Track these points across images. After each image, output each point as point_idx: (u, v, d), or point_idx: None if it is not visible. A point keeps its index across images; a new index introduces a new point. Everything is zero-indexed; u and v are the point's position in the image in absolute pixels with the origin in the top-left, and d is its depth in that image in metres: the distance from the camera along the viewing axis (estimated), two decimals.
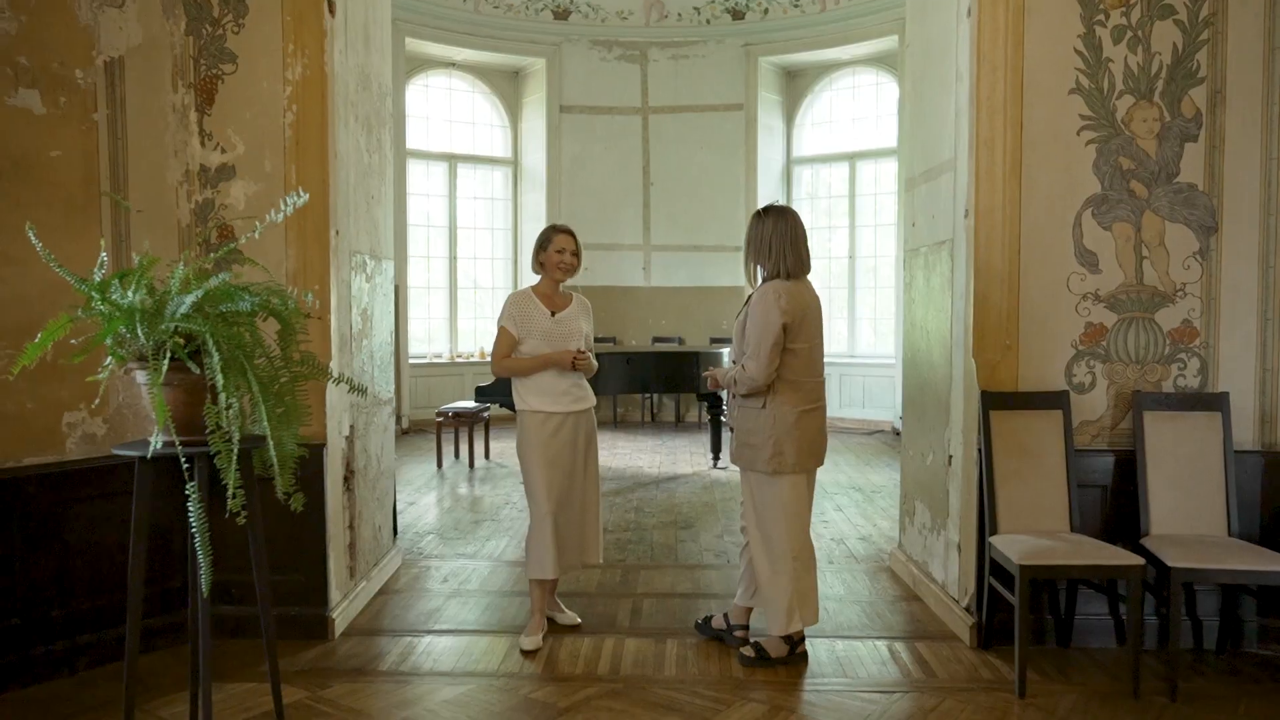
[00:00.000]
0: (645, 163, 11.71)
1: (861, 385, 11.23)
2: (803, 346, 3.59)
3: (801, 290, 3.64)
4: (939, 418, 4.39)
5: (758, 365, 3.51)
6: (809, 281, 3.73)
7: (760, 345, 3.51)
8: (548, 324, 4.09)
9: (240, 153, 4.02)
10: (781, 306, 3.51)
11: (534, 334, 4.06)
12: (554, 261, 4.14)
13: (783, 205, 3.74)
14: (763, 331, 3.50)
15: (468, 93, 11.85)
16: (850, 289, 11.61)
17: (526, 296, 4.16)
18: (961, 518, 4.10)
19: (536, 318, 4.09)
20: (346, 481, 4.34)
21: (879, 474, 8.13)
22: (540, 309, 4.12)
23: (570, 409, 4.10)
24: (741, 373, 3.54)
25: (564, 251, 4.15)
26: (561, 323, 4.13)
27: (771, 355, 3.50)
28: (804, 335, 3.59)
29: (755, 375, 3.51)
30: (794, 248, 3.64)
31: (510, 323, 4.10)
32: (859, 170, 11.54)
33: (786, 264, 3.62)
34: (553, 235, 4.18)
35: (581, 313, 4.24)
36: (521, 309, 4.11)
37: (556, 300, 4.19)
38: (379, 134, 4.79)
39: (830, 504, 6.89)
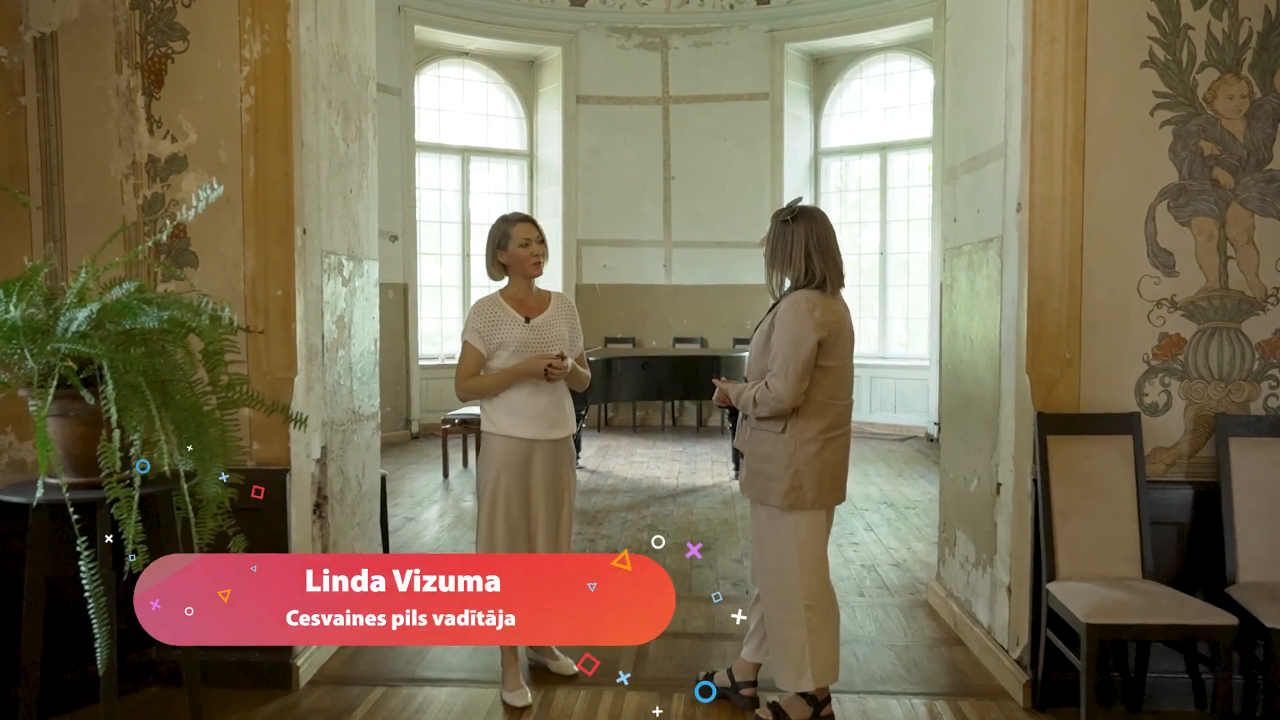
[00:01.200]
0: (666, 155, 11.19)
1: (893, 388, 10.66)
2: (834, 365, 3.08)
3: (835, 303, 3.13)
4: (985, 439, 3.86)
5: (785, 385, 2.99)
6: (840, 294, 3.22)
7: (789, 362, 2.99)
8: (522, 333, 3.51)
9: (192, 141, 3.57)
10: (816, 319, 3.00)
11: (506, 346, 3.47)
12: (520, 258, 3.52)
13: (809, 205, 3.22)
14: (793, 347, 3.00)
15: (481, 83, 11.39)
16: (881, 287, 11.04)
17: (494, 302, 3.56)
18: (1013, 556, 3.57)
19: (507, 327, 3.50)
20: (318, 509, 3.89)
21: (913, 486, 7.58)
22: (511, 316, 3.52)
23: (545, 435, 3.52)
24: (765, 392, 3.03)
25: (529, 243, 3.54)
26: (539, 330, 3.55)
27: (802, 374, 2.99)
28: (836, 350, 3.08)
29: (782, 396, 3.00)
30: (831, 257, 3.13)
31: (475, 336, 3.50)
32: (891, 162, 10.96)
33: (825, 275, 3.10)
34: (509, 227, 3.55)
35: (563, 315, 3.65)
36: (488, 318, 3.51)
37: (531, 303, 3.59)
38: (359, 121, 4.33)
39: (860, 522, 6.36)
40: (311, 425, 3.78)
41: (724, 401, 3.29)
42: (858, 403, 10.87)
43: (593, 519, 6.45)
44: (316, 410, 3.83)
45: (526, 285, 3.60)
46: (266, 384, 3.60)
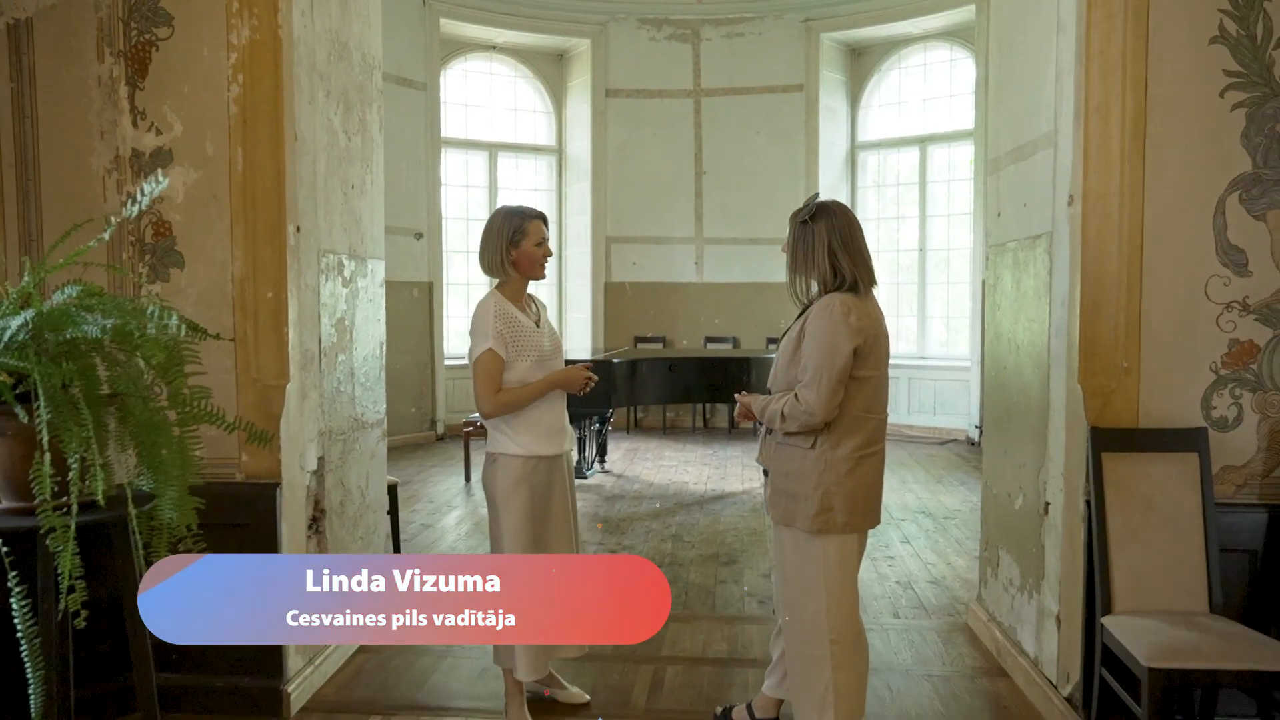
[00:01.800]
0: (697, 149, 10.90)
1: (933, 390, 10.29)
2: (871, 374, 2.78)
3: (871, 306, 2.83)
4: (1031, 453, 3.54)
5: (817, 397, 2.69)
6: (874, 295, 2.91)
7: (822, 372, 2.70)
8: (539, 339, 3.23)
9: (178, 134, 3.36)
10: (852, 324, 2.70)
11: (526, 354, 3.18)
12: (534, 257, 3.24)
13: (828, 201, 2.89)
14: (827, 355, 2.70)
15: (509, 77, 11.17)
16: (920, 284, 10.66)
17: (506, 304, 3.23)
18: (1062, 584, 3.25)
19: (526, 331, 3.21)
20: (314, 524, 3.66)
21: (953, 494, 7.23)
22: (526, 321, 3.24)
23: (561, 449, 3.29)
24: (794, 405, 2.74)
25: (543, 242, 3.28)
26: (551, 335, 3.32)
27: (836, 386, 2.70)
28: (873, 359, 2.78)
29: (814, 409, 2.70)
30: (859, 255, 2.81)
31: (499, 342, 3.16)
32: (930, 155, 10.57)
33: (855, 275, 2.79)
34: (525, 223, 3.25)
35: (549, 319, 3.44)
36: (509, 321, 3.19)
37: (524, 307, 3.31)
38: (363, 113, 4.10)
39: (896, 533, 6.04)
40: (307, 435, 3.55)
41: (746, 416, 3.00)
42: (895, 405, 10.52)
43: (615, 527, 6.19)
44: (313, 419, 3.60)
45: (523, 287, 3.33)
46: (256, 392, 3.38)
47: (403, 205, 9.71)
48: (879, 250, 10.95)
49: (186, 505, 2.33)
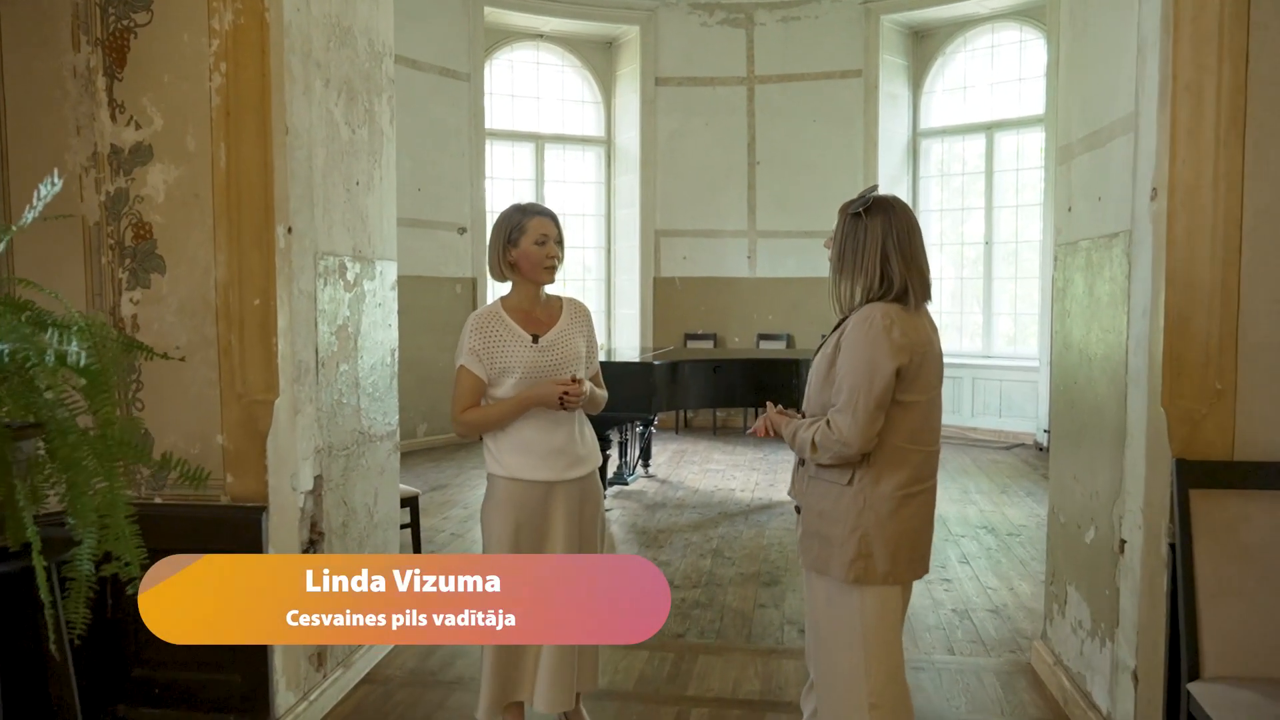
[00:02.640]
0: (750, 139, 10.48)
1: (998, 391, 9.74)
2: (918, 400, 2.38)
3: (920, 320, 2.43)
4: (1105, 481, 3.11)
5: (853, 425, 2.31)
6: (926, 308, 2.52)
7: (858, 395, 2.32)
8: (529, 356, 2.89)
9: (158, 128, 3.10)
10: (895, 340, 2.31)
11: (510, 372, 2.87)
12: (532, 258, 2.88)
13: (888, 195, 2.48)
14: (865, 376, 2.32)
15: (556, 66, 10.87)
16: (986, 279, 10.10)
17: (492, 317, 2.93)
18: (1140, 636, 2.83)
19: (511, 347, 2.89)
20: (311, 547, 3.40)
21: (1019, 507, 6.74)
22: (515, 333, 2.91)
23: (562, 475, 2.92)
24: (826, 433, 2.36)
25: (545, 241, 2.90)
26: (549, 350, 2.92)
27: (875, 412, 2.31)
28: (921, 382, 2.39)
29: (849, 438, 2.32)
30: (915, 261, 2.40)
31: (472, 359, 2.88)
32: (998, 143, 9.99)
33: (906, 284, 2.39)
34: (524, 219, 2.91)
35: (579, 328, 3.03)
36: (487, 337, 2.88)
37: (539, 316, 2.97)
38: (369, 103, 3.82)
39: (954, 551, 5.60)
40: (300, 453, 3.28)
41: (765, 432, 2.61)
42: (958, 406, 10.01)
43: (652, 540, 5.86)
44: (308, 435, 3.33)
45: (534, 293, 2.97)
46: (241, 408, 3.12)
47: (446, 199, 9.49)
48: (942, 243, 10.43)
49: (127, 547, 2.05)
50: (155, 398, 3.15)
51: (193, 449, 3.14)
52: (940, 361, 2.47)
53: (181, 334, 3.12)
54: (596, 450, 3.08)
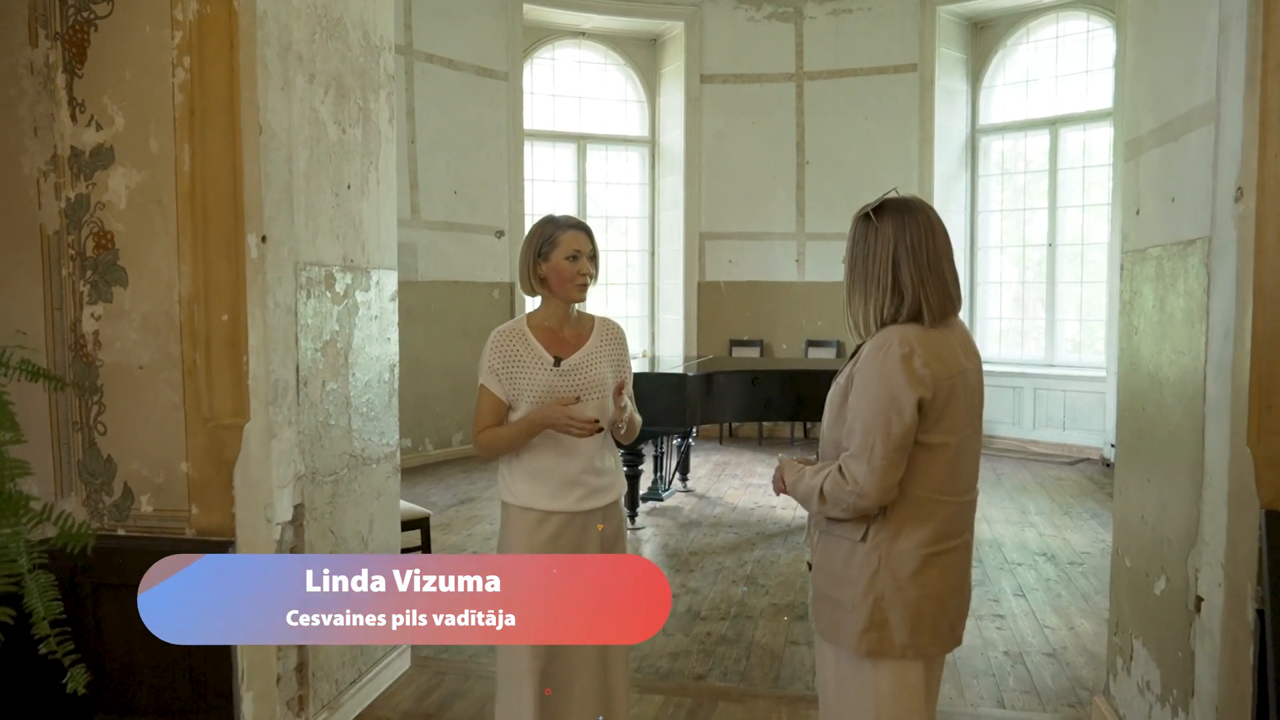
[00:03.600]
0: (799, 138, 10.07)
1: (1062, 402, 9.19)
2: (945, 442, 2.00)
3: (948, 342, 2.04)
4: (1178, 526, 2.70)
5: (868, 472, 1.96)
6: (961, 324, 2.14)
7: (873, 438, 1.96)
8: (547, 379, 2.66)
9: (119, 128, 2.86)
10: (915, 371, 1.94)
11: (526, 396, 2.66)
12: (564, 275, 2.66)
13: (908, 197, 2.10)
14: (881, 414, 1.96)
15: (599, 64, 10.57)
16: (1049, 283, 9.55)
17: (515, 335, 2.72)
18: (1220, 711, 2.41)
19: (530, 368, 2.67)
20: None
21: (1082, 531, 6.25)
22: (536, 353, 2.68)
23: (579, 506, 2.69)
24: (838, 482, 2.01)
25: (578, 256, 2.67)
26: (570, 375, 2.68)
27: (894, 456, 1.95)
28: (949, 420, 2.00)
29: (866, 489, 1.96)
30: (934, 270, 2.03)
31: (491, 378, 2.69)
32: (1063, 139, 9.44)
33: (920, 297, 2.01)
34: (557, 232, 2.68)
35: (607, 352, 2.78)
36: (507, 356, 2.68)
37: (566, 336, 2.75)
38: (364, 101, 3.55)
39: (1009, 582, 5.16)
40: (277, 481, 3.02)
41: (780, 488, 2.27)
42: (1019, 418, 9.48)
43: (683, 563, 5.52)
44: (286, 461, 3.06)
45: (563, 311, 2.74)
46: (207, 434, 2.87)
47: (483, 202, 9.26)
48: (1002, 245, 9.91)
49: (36, 600, 1.78)
50: (118, 421, 2.92)
51: (157, 478, 2.90)
52: (977, 393, 2.09)
53: (144, 352, 2.88)
54: (619, 479, 2.84)
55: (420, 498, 6.77)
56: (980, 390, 2.10)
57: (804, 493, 2.10)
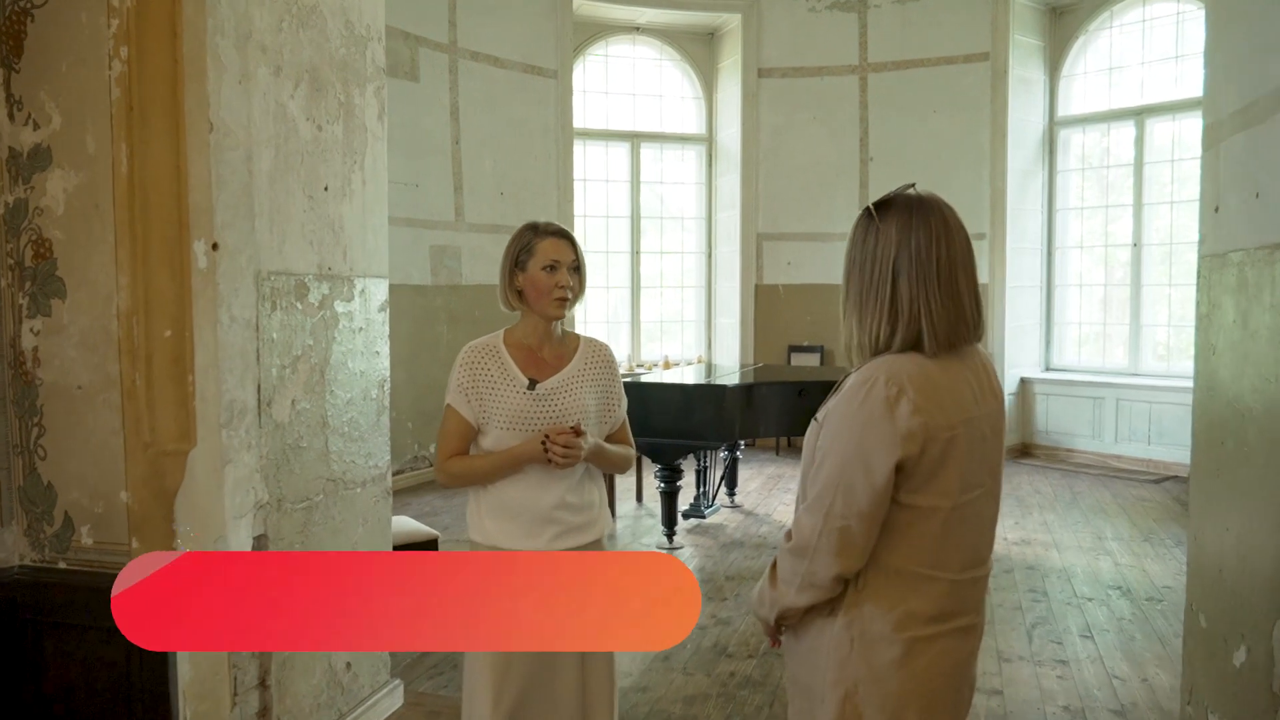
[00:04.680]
0: (863, 133, 9.56)
1: (1147, 414, 8.51)
2: (936, 505, 1.59)
3: (954, 380, 1.62)
4: (1263, 585, 2.24)
5: (821, 534, 1.58)
6: (979, 355, 1.73)
7: (830, 497, 1.58)
8: (520, 403, 2.40)
9: (56, 127, 2.63)
10: (900, 421, 1.54)
11: (496, 419, 2.40)
12: (540, 287, 2.40)
13: (923, 194, 1.68)
14: (842, 471, 1.57)
15: (654, 60, 10.23)
16: (1134, 286, 8.87)
17: (489, 352, 2.46)
18: None
19: (500, 390, 2.41)
20: None
21: (1164, 561, 5.66)
22: (510, 374, 2.43)
23: (553, 546, 2.42)
24: (783, 550, 1.65)
25: (556, 267, 2.40)
26: (546, 400, 2.42)
27: (856, 525, 1.56)
28: (942, 481, 1.59)
29: (814, 556, 1.59)
30: (944, 282, 1.61)
31: (459, 398, 2.44)
32: (1150, 131, 8.75)
33: (925, 317, 1.60)
34: (535, 240, 2.43)
35: (591, 377, 2.50)
36: (476, 374, 2.43)
37: (545, 356, 2.48)
38: (346, 95, 3.27)
39: (1077, 620, 4.64)
40: (231, 511, 2.75)
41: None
42: (1099, 431, 8.82)
43: (717, 590, 5.14)
44: (243, 489, 2.80)
45: (543, 328, 2.48)
46: (147, 462, 2.61)
47: (530, 203, 8.99)
48: (1083, 245, 9.27)
49: None
50: (58, 446, 2.69)
51: (96, 507, 2.66)
52: (990, 446, 1.67)
53: (83, 371, 2.64)
54: (600, 516, 2.56)
55: (439, 516, 6.52)
56: (997, 441, 1.69)
57: (758, 592, 1.74)
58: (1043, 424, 9.16)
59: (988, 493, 1.68)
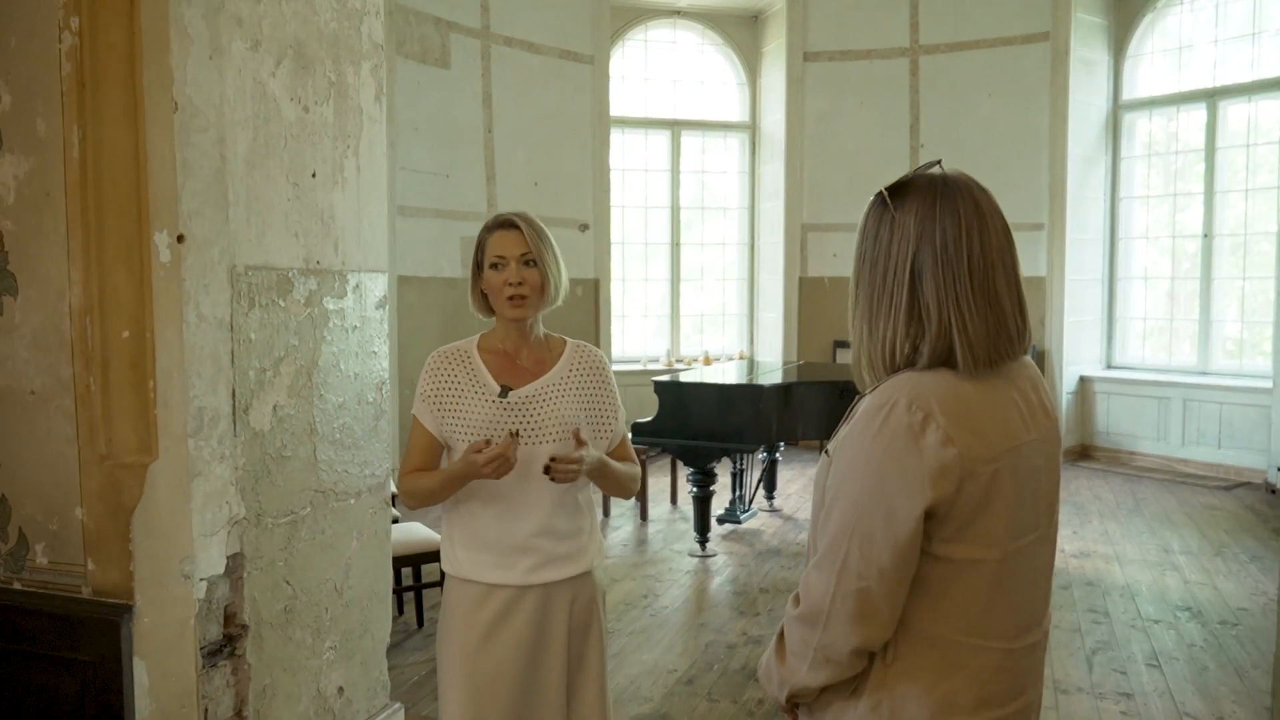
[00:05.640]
0: (913, 119, 9.14)
1: (1217, 415, 8.00)
2: (981, 557, 1.27)
3: (998, 401, 1.30)
4: None
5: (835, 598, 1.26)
6: (1027, 369, 1.40)
7: (845, 549, 1.26)
8: (489, 412, 2.13)
9: (6, 107, 2.40)
10: (929, 455, 1.22)
11: (465, 431, 2.13)
12: (493, 287, 2.16)
13: (949, 173, 1.37)
14: (859, 517, 1.25)
15: (696, 45, 9.89)
16: (1204, 279, 8.35)
17: (459, 358, 2.21)
18: None
19: (469, 399, 2.15)
20: (223, 649, 2.63)
21: (1238, 579, 5.22)
22: (480, 380, 2.17)
23: (531, 579, 2.14)
24: (789, 619, 1.34)
25: (503, 263, 2.14)
26: (521, 410, 2.15)
27: (878, 584, 1.24)
28: (987, 525, 1.26)
29: (829, 639, 1.28)
30: (979, 283, 1.29)
31: (424, 408, 2.19)
32: (1224, 114, 8.21)
33: (957, 328, 1.28)
34: (485, 237, 2.20)
35: (574, 387, 2.22)
36: (443, 382, 2.18)
37: (524, 362, 2.22)
38: (337, 74, 3.01)
39: (1142, 646, 4.25)
40: (200, 529, 2.51)
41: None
42: (1164, 433, 8.30)
43: (750, 604, 4.83)
44: (215, 504, 2.55)
45: (519, 331, 2.22)
46: (103, 475, 2.38)
47: (566, 194, 8.74)
48: (1148, 236, 8.76)
49: None
50: (12, 456, 2.47)
51: (51, 524, 2.44)
52: (1045, 478, 1.35)
53: (35, 375, 2.42)
54: (590, 543, 2.26)
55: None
56: (1052, 471, 1.37)
57: (764, 664, 1.43)
58: (1103, 424, 8.68)
59: (1043, 536, 1.36)
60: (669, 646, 4.24)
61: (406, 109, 7.35)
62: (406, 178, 7.37)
